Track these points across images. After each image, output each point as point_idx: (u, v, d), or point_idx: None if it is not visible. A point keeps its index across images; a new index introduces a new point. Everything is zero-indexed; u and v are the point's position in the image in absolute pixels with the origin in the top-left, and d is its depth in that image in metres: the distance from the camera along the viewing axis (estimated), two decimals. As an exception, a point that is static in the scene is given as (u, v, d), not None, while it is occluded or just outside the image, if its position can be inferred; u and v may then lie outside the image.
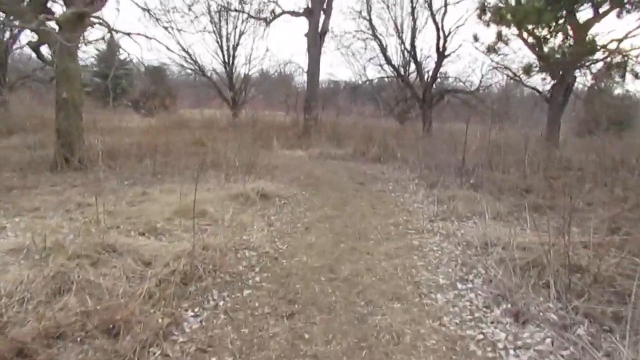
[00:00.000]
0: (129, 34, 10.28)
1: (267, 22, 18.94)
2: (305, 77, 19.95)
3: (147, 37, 10.56)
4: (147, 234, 5.35)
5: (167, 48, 21.04)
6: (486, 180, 8.31)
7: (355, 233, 5.69)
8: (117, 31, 9.87)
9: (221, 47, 24.55)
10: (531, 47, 17.27)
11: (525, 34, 15.03)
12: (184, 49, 24.20)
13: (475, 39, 10.74)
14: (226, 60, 24.94)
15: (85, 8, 9.30)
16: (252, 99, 27.86)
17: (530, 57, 15.76)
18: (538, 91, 18.77)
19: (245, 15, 22.56)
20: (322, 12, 18.12)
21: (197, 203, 6.32)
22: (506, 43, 9.87)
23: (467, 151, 10.05)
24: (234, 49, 24.74)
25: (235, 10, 19.96)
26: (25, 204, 6.43)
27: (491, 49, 10.09)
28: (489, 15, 9.08)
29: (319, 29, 18.07)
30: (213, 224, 5.68)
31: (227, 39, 24.40)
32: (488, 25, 9.24)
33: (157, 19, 10.42)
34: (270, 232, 5.65)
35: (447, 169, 9.69)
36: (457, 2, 21.00)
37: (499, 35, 9.62)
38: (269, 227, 5.84)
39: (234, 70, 25.46)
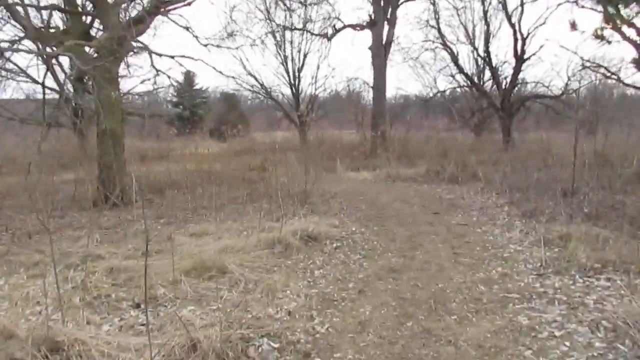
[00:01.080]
0: (172, 57, 9.21)
1: (329, 38, 17.51)
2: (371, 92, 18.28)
3: (192, 58, 9.43)
4: (143, 305, 3.87)
5: (214, 69, 19.65)
6: (605, 207, 6.06)
7: (430, 300, 3.82)
8: (158, 54, 8.77)
9: (286, 69, 23.55)
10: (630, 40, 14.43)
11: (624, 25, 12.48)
12: (249, 73, 23.48)
13: (573, 26, 8.52)
14: (292, 81, 23.89)
15: (122, 32, 8.29)
16: (320, 119, 26.58)
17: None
18: (642, 90, 15.72)
19: (308, 34, 21.45)
20: (385, 23, 16.40)
21: (223, 253, 4.80)
22: (617, 30, 7.57)
23: (568, 167, 7.82)
24: (299, 70, 23.64)
25: (297, 29, 18.72)
26: (24, 258, 5.25)
27: (598, 36, 7.84)
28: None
29: (383, 40, 16.35)
30: (234, 287, 4.09)
31: (292, 60, 23.38)
32: (598, 3, 7.11)
33: (197, 37, 9.19)
34: (309, 298, 3.94)
35: (545, 190, 7.49)
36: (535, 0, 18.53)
37: (607, 19, 7.40)
38: (308, 290, 4.13)
39: (300, 91, 24.33)
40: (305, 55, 23.12)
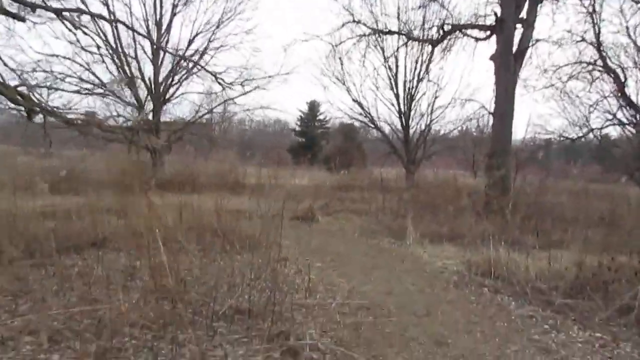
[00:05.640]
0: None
1: (435, 43, 11.59)
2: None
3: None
4: None
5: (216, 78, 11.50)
6: None
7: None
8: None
9: (396, 95, 18.03)
10: None
11: None
12: (354, 100, 18.47)
13: None
14: (401, 110, 18.24)
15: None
16: (431, 156, 20.29)
17: None
18: None
19: (424, 55, 15.78)
20: (518, 23, 10.04)
21: None
22: None
23: None
24: (411, 97, 17.94)
25: (390, 33, 13.16)
26: None
27: None
28: None
29: (514, 47, 9.97)
30: None
31: (404, 87, 17.79)
32: None
33: None
34: None
35: None
36: None
37: None
38: None
39: (410, 122, 18.52)
40: (419, 80, 17.42)
